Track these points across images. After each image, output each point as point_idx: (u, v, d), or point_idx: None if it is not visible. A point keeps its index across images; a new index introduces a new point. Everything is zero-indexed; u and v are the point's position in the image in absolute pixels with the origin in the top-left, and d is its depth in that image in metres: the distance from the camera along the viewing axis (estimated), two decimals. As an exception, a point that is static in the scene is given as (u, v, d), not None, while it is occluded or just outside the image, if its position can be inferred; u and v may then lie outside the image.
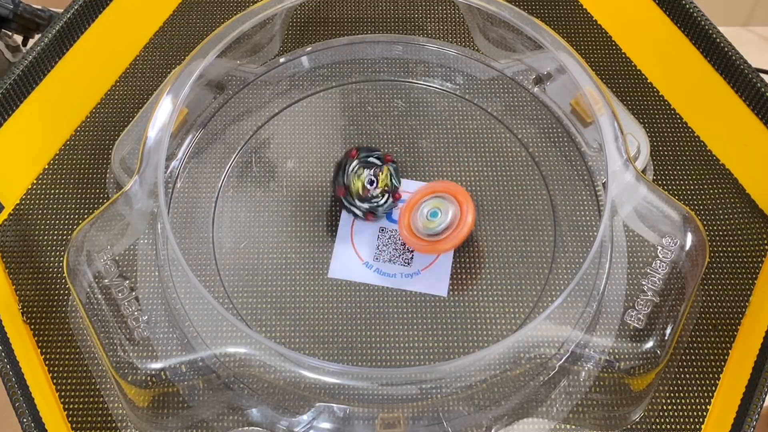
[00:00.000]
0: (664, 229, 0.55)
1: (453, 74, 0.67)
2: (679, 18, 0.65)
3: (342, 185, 0.57)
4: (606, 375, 0.53)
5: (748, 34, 1.34)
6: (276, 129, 0.64)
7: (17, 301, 0.57)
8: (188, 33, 0.70)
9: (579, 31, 0.70)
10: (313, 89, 0.66)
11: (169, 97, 0.57)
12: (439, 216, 0.56)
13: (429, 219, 0.56)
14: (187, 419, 0.52)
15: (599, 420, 0.52)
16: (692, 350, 0.55)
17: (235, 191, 0.61)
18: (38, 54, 0.61)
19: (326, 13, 0.71)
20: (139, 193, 0.55)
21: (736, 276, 0.58)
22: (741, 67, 0.61)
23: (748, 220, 0.60)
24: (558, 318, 0.53)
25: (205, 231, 0.59)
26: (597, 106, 0.57)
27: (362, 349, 0.55)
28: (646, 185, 0.56)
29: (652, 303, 0.53)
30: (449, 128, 0.64)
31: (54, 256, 0.59)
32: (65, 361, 0.55)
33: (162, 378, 0.51)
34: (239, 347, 0.53)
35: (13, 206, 0.61)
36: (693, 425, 0.53)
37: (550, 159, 0.62)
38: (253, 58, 0.66)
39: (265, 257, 0.58)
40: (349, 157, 0.58)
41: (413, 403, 0.52)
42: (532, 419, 0.52)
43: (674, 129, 0.65)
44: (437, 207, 0.56)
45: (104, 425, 0.53)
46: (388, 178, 0.58)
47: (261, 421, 0.52)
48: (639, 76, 0.67)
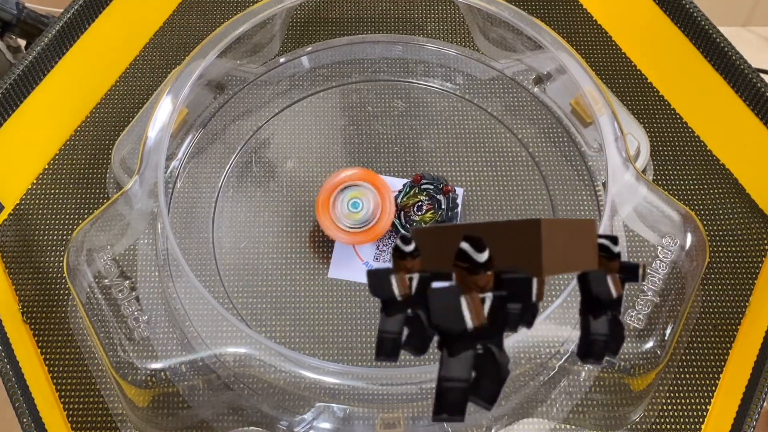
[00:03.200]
0: (664, 229, 0.55)
1: (453, 74, 0.67)
2: (679, 18, 0.65)
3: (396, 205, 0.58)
4: (606, 375, 0.53)
5: (748, 34, 1.34)
6: (276, 129, 0.64)
7: (17, 301, 0.57)
8: (188, 33, 0.70)
9: (579, 31, 0.70)
10: (313, 89, 0.66)
11: (169, 97, 0.57)
12: (360, 207, 0.56)
13: (351, 210, 0.56)
14: (187, 419, 0.52)
15: (599, 420, 0.52)
16: (692, 350, 0.55)
17: (235, 191, 0.61)
18: (38, 54, 0.61)
19: (326, 13, 0.71)
20: (139, 193, 0.55)
21: (736, 276, 0.58)
22: (741, 67, 0.61)
23: (748, 220, 0.60)
24: (558, 318, 0.53)
25: (205, 231, 0.59)
26: (597, 106, 0.57)
27: (362, 349, 0.55)
28: (646, 185, 0.56)
29: (652, 303, 0.53)
30: (449, 128, 0.64)
31: (54, 256, 0.59)
32: (65, 361, 0.55)
33: (162, 378, 0.51)
34: (239, 347, 0.53)
35: (13, 206, 0.61)
36: (693, 425, 0.53)
37: (550, 159, 0.62)
38: (253, 58, 0.66)
39: (265, 257, 0.58)
40: (413, 181, 0.58)
41: (413, 403, 0.52)
42: (532, 419, 0.52)
43: (674, 129, 0.65)
44: (357, 197, 0.56)
45: (104, 425, 0.53)
46: (437, 214, 0.57)
47: (261, 421, 0.52)
48: (639, 76, 0.67)
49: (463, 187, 0.61)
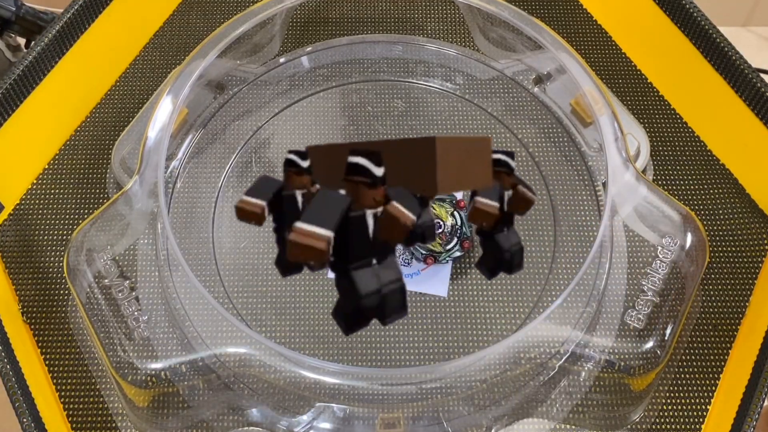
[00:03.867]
0: (664, 229, 0.55)
1: (453, 74, 0.67)
2: (679, 18, 0.65)
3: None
4: (606, 375, 0.53)
5: (748, 34, 1.34)
6: (276, 129, 0.64)
7: (17, 301, 0.57)
8: (188, 33, 0.70)
9: (579, 31, 0.70)
10: (313, 89, 0.66)
11: (169, 97, 0.57)
12: None
13: None
14: (187, 419, 0.52)
15: (599, 420, 0.52)
16: (692, 350, 0.55)
17: (235, 191, 0.61)
18: (38, 54, 0.61)
19: (326, 13, 0.71)
20: (139, 193, 0.55)
21: (736, 276, 0.58)
22: (741, 67, 0.61)
23: (748, 220, 0.60)
24: (558, 318, 0.53)
25: (205, 231, 0.59)
26: (597, 106, 0.57)
27: (362, 349, 0.55)
28: (646, 185, 0.56)
29: (652, 303, 0.53)
30: (449, 128, 0.64)
31: (54, 256, 0.59)
32: (65, 361, 0.55)
33: (162, 378, 0.51)
34: (239, 347, 0.53)
35: (13, 206, 0.61)
36: (693, 425, 0.53)
37: (550, 159, 0.62)
38: (253, 58, 0.66)
39: (265, 257, 0.58)
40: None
41: (413, 403, 0.52)
42: (532, 419, 0.52)
43: (674, 129, 0.65)
44: None
45: (104, 425, 0.53)
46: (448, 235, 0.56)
47: (261, 421, 0.52)
48: (639, 76, 0.67)
49: (463, 187, 0.61)
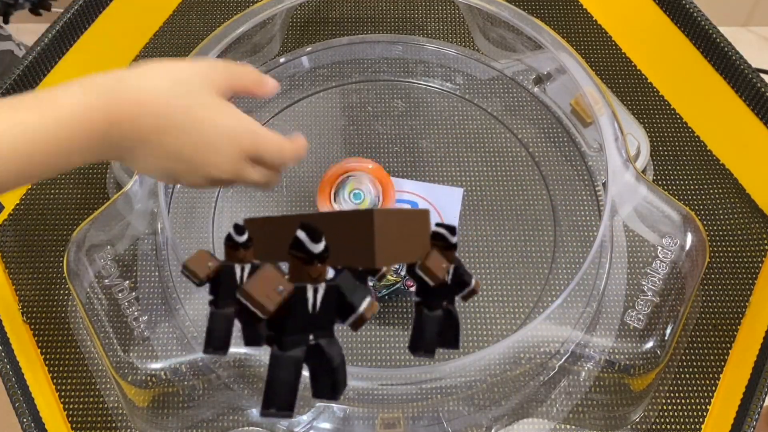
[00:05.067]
0: (664, 229, 0.55)
1: (453, 74, 0.67)
2: (679, 18, 0.65)
3: None
4: (606, 375, 0.53)
5: (748, 34, 1.34)
6: (276, 129, 0.63)
7: (17, 301, 0.57)
8: (188, 33, 0.70)
9: (579, 31, 0.70)
10: (313, 89, 0.66)
11: (169, 97, 0.57)
12: (363, 197, 0.56)
13: (353, 201, 0.56)
14: (187, 419, 0.52)
15: (599, 420, 0.52)
16: (692, 350, 0.55)
17: (235, 191, 0.61)
18: (39, 53, 0.61)
19: (326, 13, 0.71)
20: (139, 193, 0.55)
21: (736, 276, 0.58)
22: (741, 67, 0.61)
23: (748, 220, 0.60)
24: (558, 318, 0.53)
25: (205, 231, 0.59)
26: (597, 106, 0.57)
27: (362, 349, 0.55)
28: (646, 185, 0.56)
29: (652, 303, 0.53)
30: (449, 128, 0.64)
31: (54, 256, 0.59)
32: (65, 361, 0.55)
33: (162, 378, 0.51)
34: (239, 347, 0.53)
35: (13, 206, 0.61)
36: (693, 425, 0.53)
37: (550, 159, 0.62)
38: (253, 58, 0.66)
39: (265, 257, 0.58)
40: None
41: (413, 403, 0.52)
42: (532, 419, 0.52)
43: (674, 129, 0.65)
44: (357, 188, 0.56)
45: (104, 425, 0.53)
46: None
47: (261, 421, 0.52)
48: (639, 76, 0.67)
49: (463, 187, 0.61)
